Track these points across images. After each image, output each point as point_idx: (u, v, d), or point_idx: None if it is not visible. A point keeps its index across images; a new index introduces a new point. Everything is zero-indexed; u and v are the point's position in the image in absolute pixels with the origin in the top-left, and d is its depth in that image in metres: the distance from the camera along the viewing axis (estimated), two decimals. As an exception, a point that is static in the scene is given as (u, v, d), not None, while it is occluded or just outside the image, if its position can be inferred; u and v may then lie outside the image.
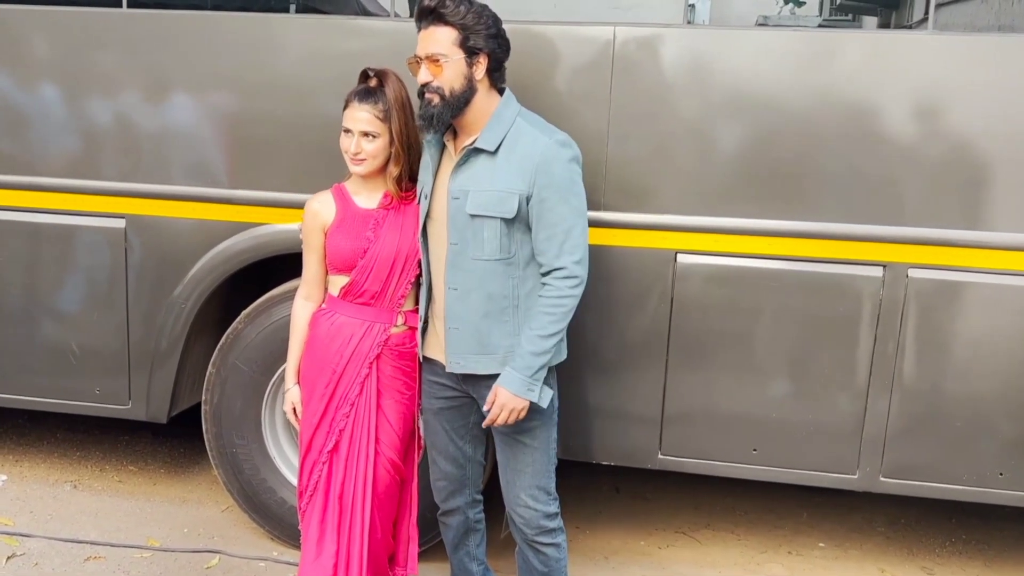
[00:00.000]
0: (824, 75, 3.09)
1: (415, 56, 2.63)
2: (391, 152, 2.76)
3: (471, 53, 2.59)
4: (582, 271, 2.66)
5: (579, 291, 2.66)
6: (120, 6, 3.49)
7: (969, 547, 4.01)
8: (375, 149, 2.74)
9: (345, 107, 2.76)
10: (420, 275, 2.84)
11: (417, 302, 2.88)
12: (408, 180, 2.82)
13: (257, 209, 3.46)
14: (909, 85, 3.05)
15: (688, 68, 3.15)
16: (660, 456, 3.40)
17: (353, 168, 2.77)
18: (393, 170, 2.78)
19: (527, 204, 2.62)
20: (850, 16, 5.59)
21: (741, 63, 3.12)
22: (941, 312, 3.14)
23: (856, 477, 3.31)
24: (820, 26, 4.28)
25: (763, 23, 3.93)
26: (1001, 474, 3.23)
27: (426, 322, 2.85)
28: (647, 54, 3.15)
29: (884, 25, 4.84)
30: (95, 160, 3.55)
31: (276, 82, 3.38)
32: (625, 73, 3.15)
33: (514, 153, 2.63)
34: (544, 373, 2.67)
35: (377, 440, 2.88)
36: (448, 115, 2.61)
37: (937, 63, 3.04)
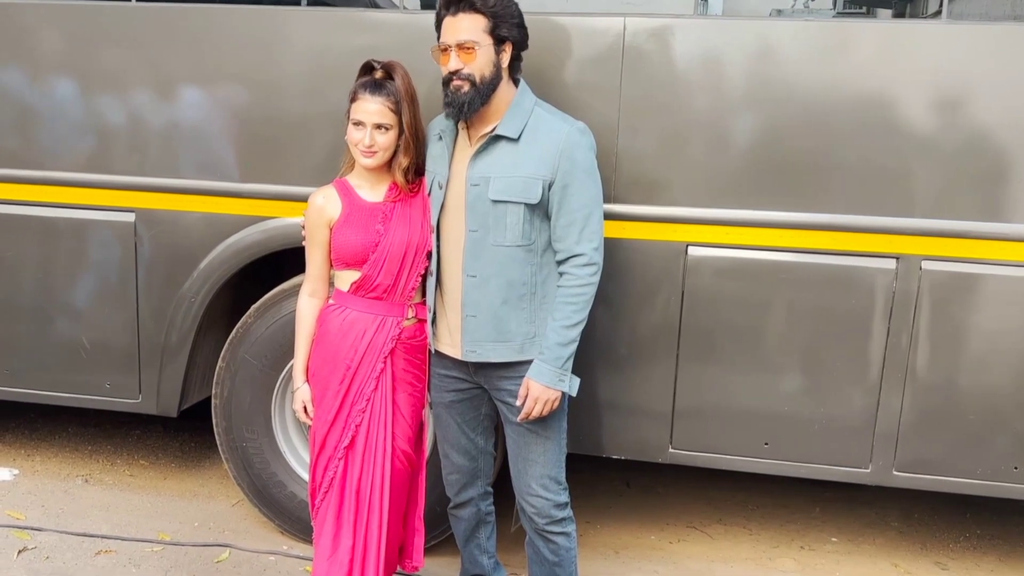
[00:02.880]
0: (837, 66, 3.06)
1: (442, 44, 2.63)
2: (400, 144, 2.75)
3: (499, 41, 2.63)
4: (600, 258, 2.70)
5: (597, 278, 2.70)
6: (129, -1, 3.50)
7: (983, 542, 3.98)
8: (387, 141, 2.73)
9: (353, 100, 2.74)
10: (428, 267, 2.83)
11: (424, 295, 2.87)
12: (414, 172, 2.80)
13: (267, 202, 3.45)
14: (923, 76, 3.02)
15: (699, 59, 3.13)
16: (671, 450, 3.38)
17: (364, 161, 2.74)
18: (403, 161, 2.76)
19: (548, 190, 2.64)
20: (864, 8, 5.54)
21: (753, 54, 3.09)
22: (955, 304, 3.11)
23: (869, 471, 3.28)
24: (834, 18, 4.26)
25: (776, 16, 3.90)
26: (1015, 468, 3.20)
27: (434, 314, 2.84)
28: (658, 45, 3.13)
29: (899, 17, 4.80)
30: (104, 155, 3.55)
31: (286, 75, 3.37)
32: (636, 65, 3.13)
33: (536, 140, 2.65)
34: (572, 363, 2.70)
35: (393, 435, 2.87)
36: (479, 102, 2.62)
37: (952, 53, 3.00)
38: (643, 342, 3.30)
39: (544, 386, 2.68)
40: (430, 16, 2.76)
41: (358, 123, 2.72)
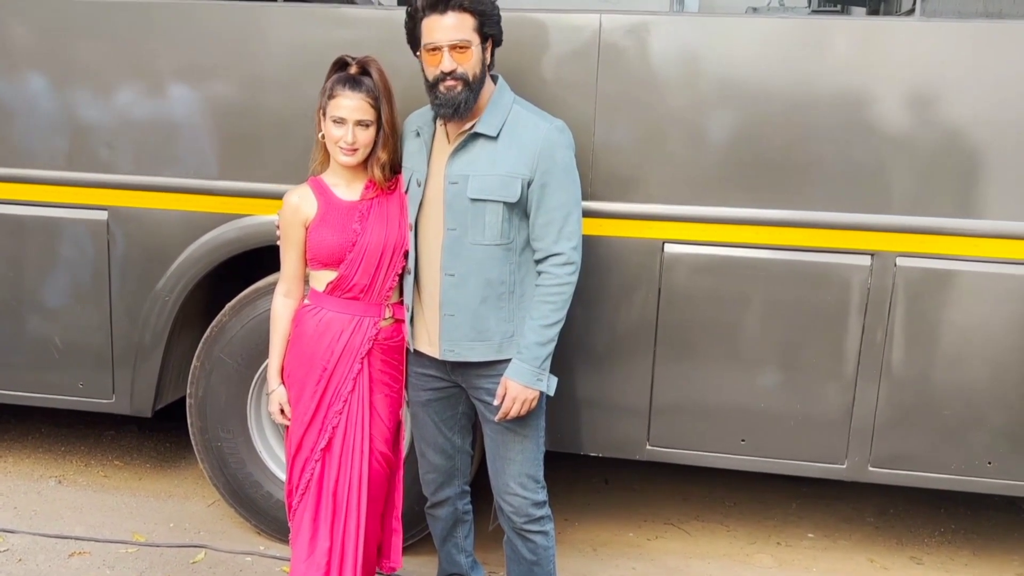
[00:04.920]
0: (812, 63, 3.07)
1: (431, 45, 2.58)
2: (378, 139, 2.72)
3: (484, 39, 2.61)
4: (578, 257, 2.69)
5: (575, 278, 2.69)
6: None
7: (958, 536, 4.02)
8: (368, 138, 2.70)
9: (330, 96, 2.69)
10: (405, 266, 2.81)
11: (402, 294, 2.85)
12: (390, 168, 2.78)
13: (242, 200, 3.42)
14: (897, 73, 3.04)
15: (675, 56, 3.13)
16: (648, 447, 3.39)
17: (344, 159, 2.71)
18: (382, 156, 2.73)
19: (527, 189, 2.62)
20: (839, 6, 5.56)
21: (729, 51, 3.10)
22: (929, 301, 3.13)
23: (844, 467, 3.30)
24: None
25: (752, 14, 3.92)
26: (989, 463, 3.23)
27: (412, 313, 2.83)
28: (634, 42, 3.13)
29: (873, 14, 4.82)
30: (76, 151, 3.50)
31: (261, 71, 3.34)
32: (612, 61, 3.13)
33: (515, 138, 2.64)
34: (550, 362, 2.69)
35: (370, 436, 2.85)
36: (473, 101, 2.60)
37: (926, 50, 3.02)
38: (620, 339, 3.30)
39: (522, 386, 2.67)
40: (407, 13, 2.74)
41: (339, 120, 2.67)
